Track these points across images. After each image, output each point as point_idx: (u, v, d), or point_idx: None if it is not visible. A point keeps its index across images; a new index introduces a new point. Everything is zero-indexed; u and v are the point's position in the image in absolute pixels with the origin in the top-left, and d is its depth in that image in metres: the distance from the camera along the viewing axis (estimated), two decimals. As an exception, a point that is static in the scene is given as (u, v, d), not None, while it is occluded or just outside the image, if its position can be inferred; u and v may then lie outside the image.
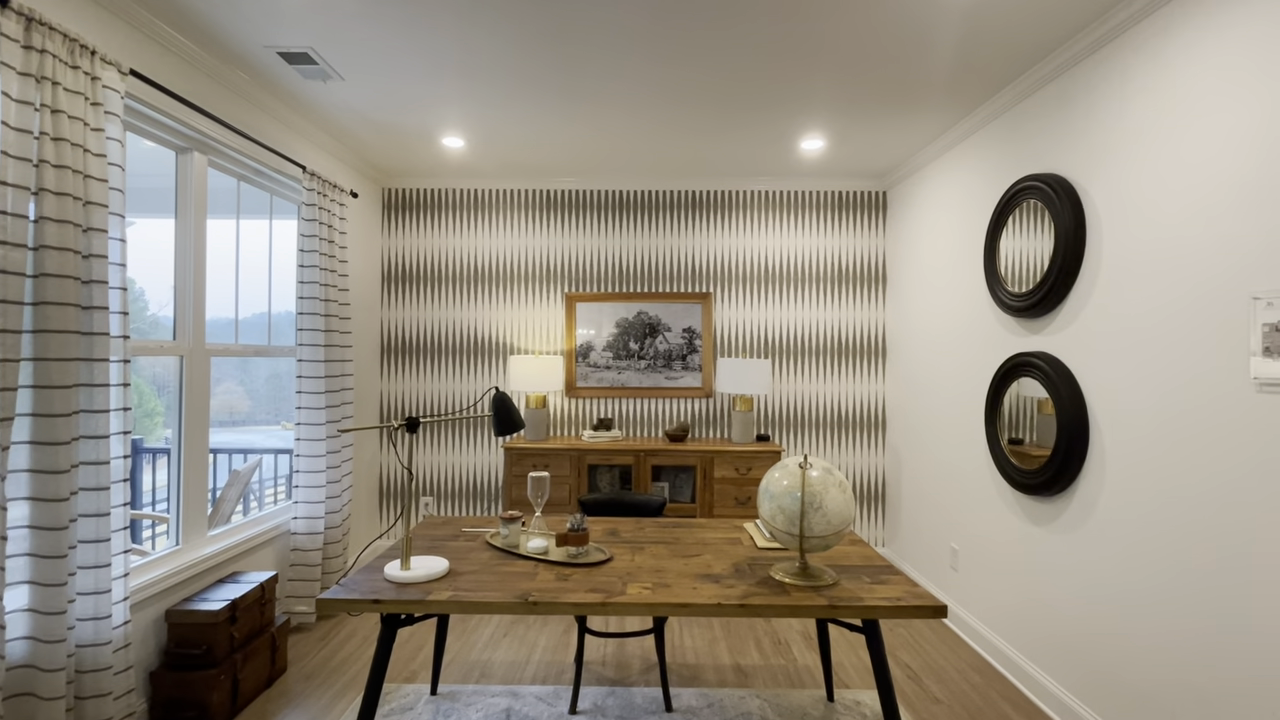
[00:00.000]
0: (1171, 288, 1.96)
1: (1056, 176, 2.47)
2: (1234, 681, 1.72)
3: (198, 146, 2.62)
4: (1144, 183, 2.07)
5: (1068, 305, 2.43)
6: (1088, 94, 2.34)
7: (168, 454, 4.50)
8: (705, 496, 3.79)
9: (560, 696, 2.51)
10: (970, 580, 3.10)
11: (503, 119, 3.20)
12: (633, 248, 4.27)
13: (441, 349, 4.31)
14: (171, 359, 2.59)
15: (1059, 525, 2.45)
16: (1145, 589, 2.03)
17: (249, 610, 2.50)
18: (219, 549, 2.66)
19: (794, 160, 3.82)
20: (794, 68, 2.61)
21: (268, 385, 6.16)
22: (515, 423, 2.18)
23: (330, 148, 3.54)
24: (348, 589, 1.80)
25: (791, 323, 4.26)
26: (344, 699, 2.51)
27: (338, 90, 2.88)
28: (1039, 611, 2.56)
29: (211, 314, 2.76)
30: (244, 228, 3.10)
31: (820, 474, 1.81)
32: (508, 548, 2.15)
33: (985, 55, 2.50)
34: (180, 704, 2.25)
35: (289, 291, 3.50)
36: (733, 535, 2.35)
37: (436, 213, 4.30)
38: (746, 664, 2.81)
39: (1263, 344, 1.66)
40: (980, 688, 2.65)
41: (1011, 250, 2.74)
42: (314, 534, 3.17)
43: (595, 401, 4.28)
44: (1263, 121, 1.67)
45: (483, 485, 4.30)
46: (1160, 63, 2.02)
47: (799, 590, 1.80)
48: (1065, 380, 2.38)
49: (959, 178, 3.27)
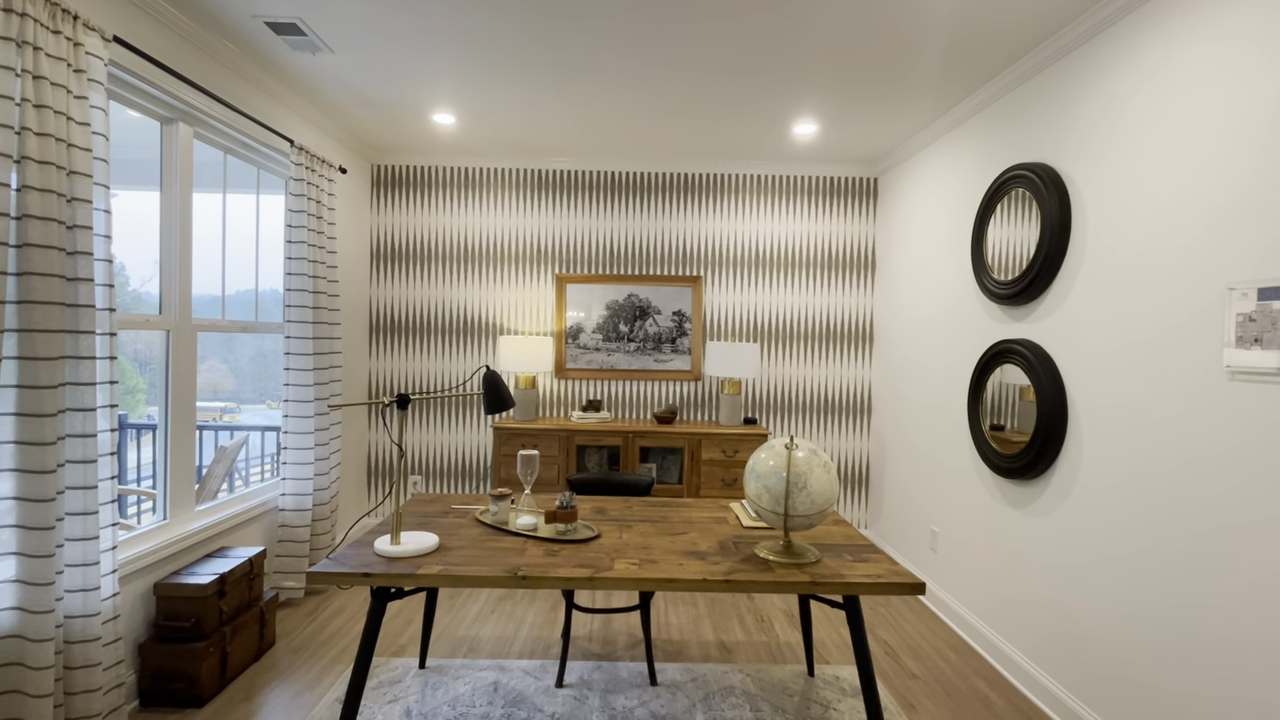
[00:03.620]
0: (1151, 277, 2.00)
1: (1044, 166, 2.50)
2: (1201, 657, 1.80)
3: (183, 118, 2.58)
4: (1129, 174, 2.10)
5: (1051, 293, 2.47)
6: (1077, 85, 2.36)
7: (152, 430, 4.47)
8: (692, 478, 3.84)
9: (547, 670, 2.56)
10: (949, 561, 3.18)
11: (494, 96, 3.17)
12: (624, 229, 4.26)
13: (430, 328, 4.29)
14: (156, 334, 2.57)
15: (1035, 508, 2.52)
16: (1117, 570, 2.10)
17: (237, 584, 2.51)
18: (206, 524, 2.66)
19: (786, 144, 3.82)
20: (788, 52, 2.61)
21: (253, 364, 6.10)
22: (505, 401, 2.19)
23: (319, 122, 3.49)
24: (338, 563, 1.82)
25: (781, 307, 4.29)
26: (332, 672, 2.54)
27: (327, 63, 2.84)
28: (1014, 592, 2.64)
29: (197, 290, 2.74)
30: (231, 202, 3.06)
31: (806, 455, 1.85)
32: (497, 524, 2.18)
33: (976, 43, 2.51)
34: (169, 675, 2.27)
35: (276, 268, 3.47)
36: (719, 514, 2.39)
37: (427, 190, 4.26)
38: (730, 640, 2.88)
39: (1236, 334, 1.70)
40: (956, 664, 2.73)
41: (998, 238, 2.77)
42: (302, 510, 3.18)
43: (584, 383, 4.30)
44: (1243, 117, 1.71)
45: (471, 464, 4.31)
46: (1147, 56, 2.04)
47: (782, 567, 1.85)
48: (1046, 367, 2.43)
49: (949, 165, 3.30)
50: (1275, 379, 1.60)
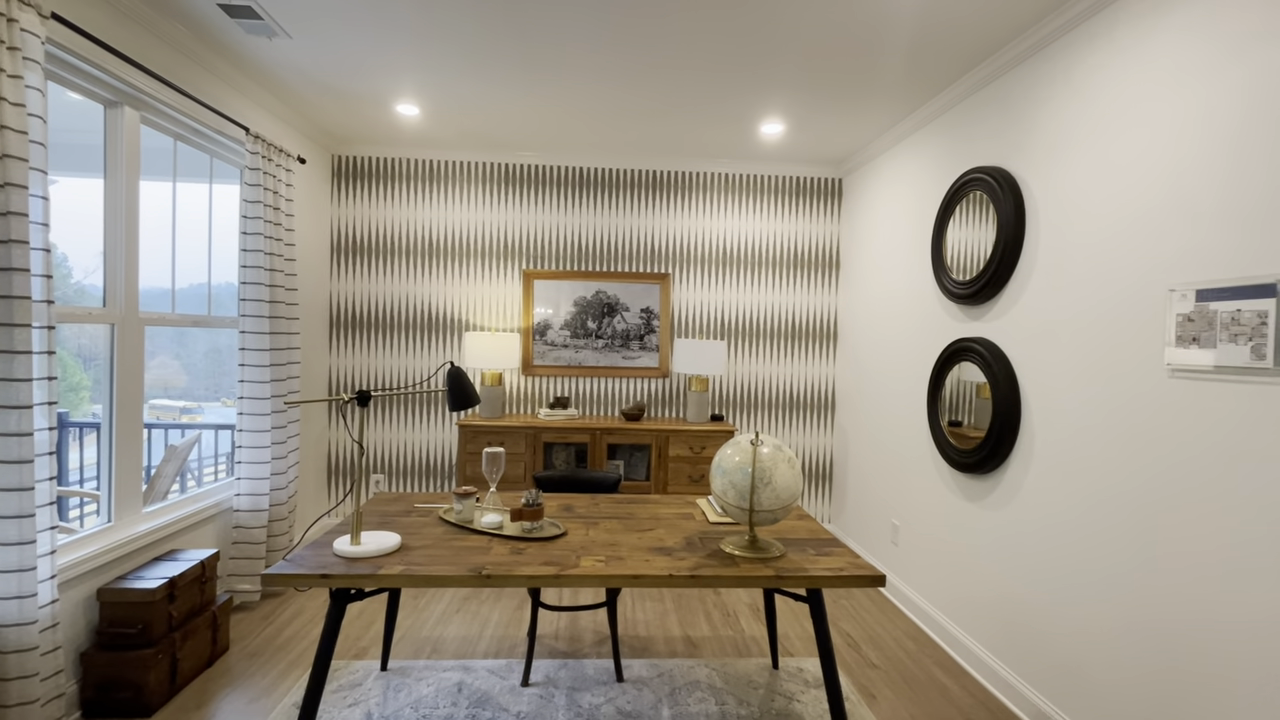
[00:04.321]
0: (1099, 278, 2.08)
1: (1000, 170, 2.58)
2: (1139, 637, 1.88)
3: (129, 101, 2.46)
4: (1079, 179, 2.19)
5: (1006, 293, 2.55)
6: (1032, 91, 2.44)
7: (96, 429, 4.27)
8: (660, 475, 3.85)
9: (513, 669, 2.53)
10: (909, 554, 3.26)
11: (460, 89, 3.11)
12: (592, 226, 4.24)
13: (393, 324, 4.20)
14: (100, 328, 2.45)
15: (990, 502, 2.60)
16: (1063, 560, 2.19)
17: (188, 588, 2.42)
18: (155, 526, 2.55)
19: (754, 143, 3.85)
20: (755, 51, 2.63)
21: (207, 360, 5.88)
22: (470, 398, 2.16)
23: (276, 110, 3.38)
24: (294, 564, 1.77)
25: (748, 305, 4.33)
26: (289, 677, 2.47)
27: (284, 49, 2.74)
28: (969, 583, 2.72)
29: (146, 283, 2.62)
30: (182, 191, 2.93)
31: (771, 450, 1.87)
32: (462, 523, 2.15)
33: (938, 49, 2.57)
34: (114, 684, 2.17)
35: (231, 260, 3.34)
36: (685, 510, 2.40)
37: (390, 182, 4.16)
38: (696, 635, 2.90)
39: (1176, 333, 1.79)
40: (914, 654, 2.80)
41: (957, 240, 2.85)
42: (258, 511, 3.08)
43: (552, 380, 4.27)
44: (1182, 127, 1.79)
45: (436, 463, 4.24)
46: (1096, 66, 2.12)
47: (747, 562, 1.87)
48: (1001, 364, 2.51)
49: (911, 167, 3.37)
50: (1210, 377, 1.68)
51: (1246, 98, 1.62)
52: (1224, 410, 1.65)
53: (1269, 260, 1.55)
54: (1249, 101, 1.61)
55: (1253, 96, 1.61)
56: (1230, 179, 1.65)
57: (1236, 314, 1.61)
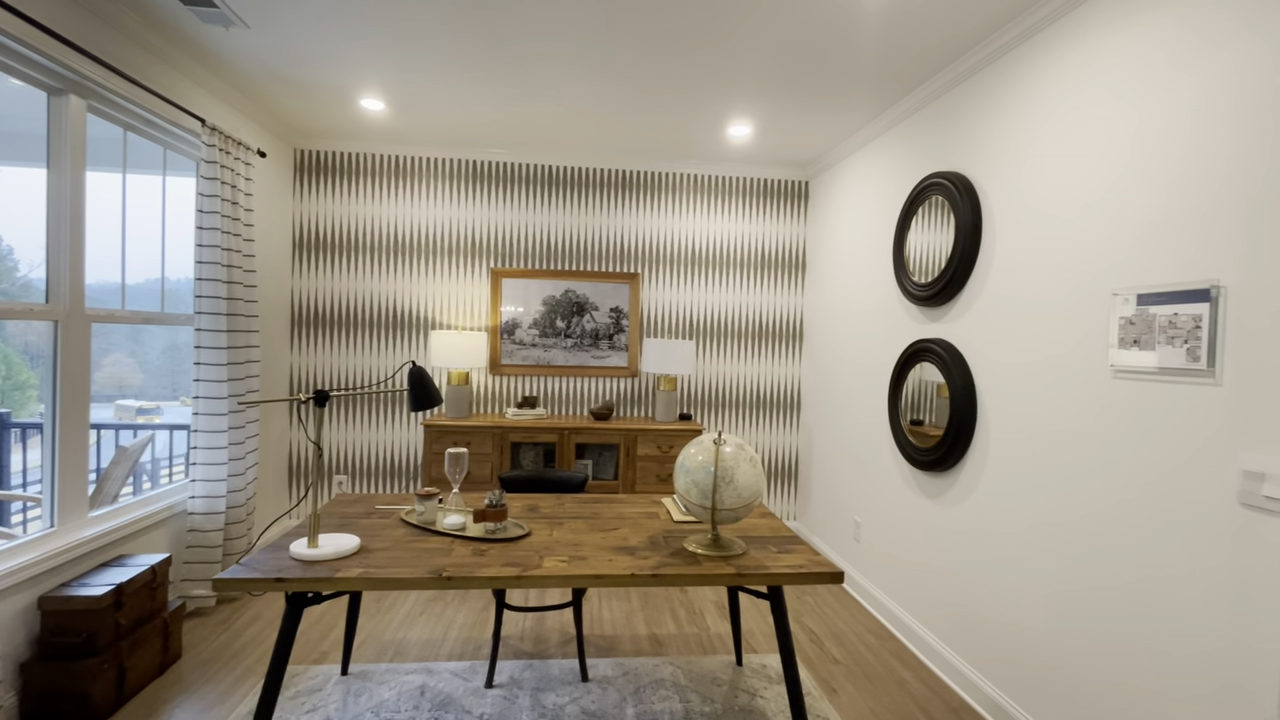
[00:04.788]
0: (1050, 282, 2.15)
1: (959, 175, 2.65)
2: (1086, 629, 1.96)
3: (75, 89, 2.37)
4: (1032, 185, 2.26)
5: (964, 295, 2.62)
6: (989, 99, 2.51)
7: (40, 430, 4.09)
8: (628, 474, 3.86)
9: (477, 671, 2.51)
10: (871, 550, 3.33)
11: (426, 85, 3.07)
12: (562, 225, 4.23)
13: (358, 322, 4.12)
14: (44, 324, 2.35)
15: (948, 498, 2.67)
16: (1015, 554, 2.26)
17: (137, 594, 2.34)
18: (102, 530, 2.46)
19: (722, 145, 3.88)
20: (721, 56, 2.65)
21: (165, 358, 5.69)
22: (433, 398, 2.13)
23: (235, 101, 3.28)
24: (249, 568, 1.72)
25: (716, 305, 4.37)
26: (245, 684, 2.41)
27: (242, 39, 2.67)
28: (927, 577, 2.79)
29: (96, 278, 2.53)
30: (134, 183, 2.83)
31: (733, 450, 1.89)
32: (424, 524, 2.12)
33: (900, 56, 2.62)
34: (57, 696, 2.09)
35: (188, 255, 3.24)
36: (651, 509, 2.41)
37: (354, 178, 4.08)
38: (662, 634, 2.91)
39: (1118, 335, 1.86)
40: (875, 648, 2.86)
41: (918, 243, 2.92)
42: (214, 514, 2.99)
43: (520, 379, 4.24)
44: (1125, 137, 1.86)
45: (401, 463, 4.18)
46: (1049, 76, 2.19)
47: (710, 560, 1.89)
48: (959, 365, 2.58)
49: (875, 171, 3.44)
50: (1151, 377, 1.75)
51: (1186, 111, 1.70)
52: (1162, 409, 1.72)
53: (1204, 267, 1.62)
54: (1188, 115, 1.69)
55: (1191, 110, 1.68)
56: (1169, 188, 1.73)
57: (1174, 317, 1.69)
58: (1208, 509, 1.59)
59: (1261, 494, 1.46)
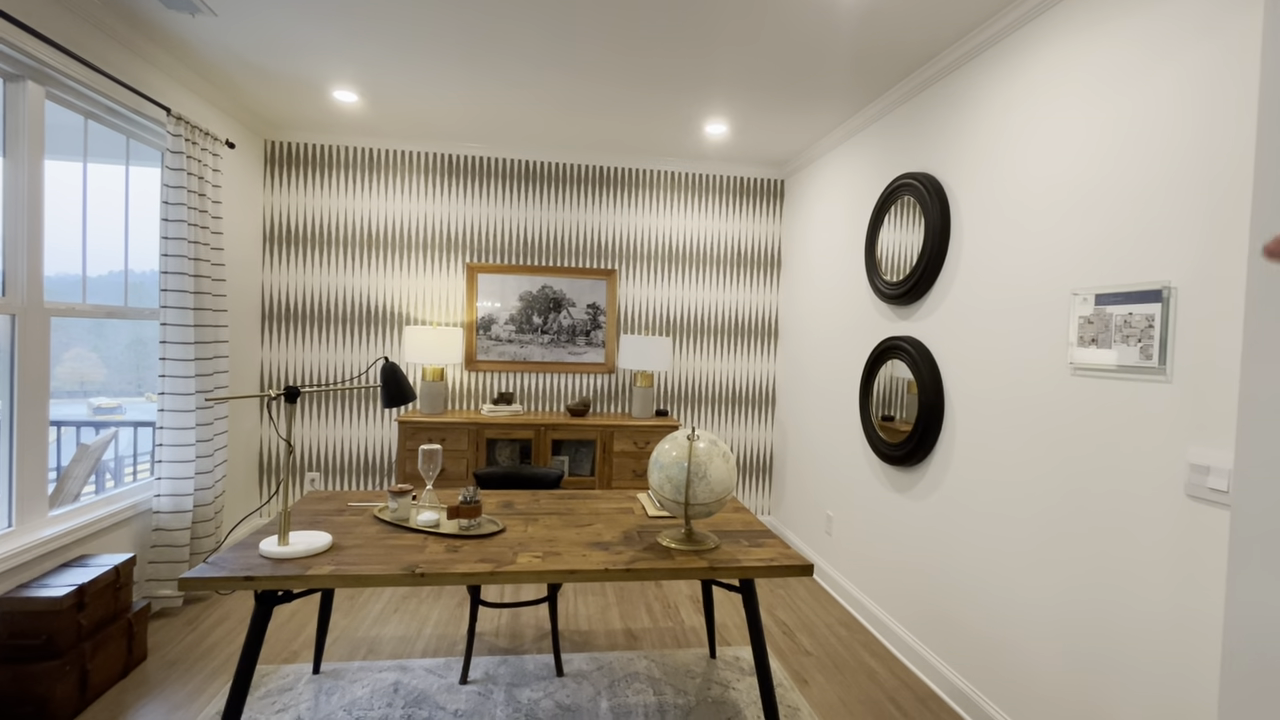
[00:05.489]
0: (1014, 282, 2.22)
1: (929, 176, 2.71)
2: (1047, 620, 2.02)
3: (31, 75, 2.29)
4: (998, 186, 2.32)
5: (933, 294, 2.68)
6: (957, 101, 2.57)
7: None
8: (604, 470, 3.87)
9: (451, 668, 2.51)
10: (842, 544, 3.40)
11: (401, 77, 3.04)
12: (539, 220, 4.21)
13: (330, 317, 4.06)
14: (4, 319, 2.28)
15: (915, 492, 2.74)
16: (978, 546, 2.33)
17: (100, 595, 2.29)
18: (62, 530, 2.40)
19: (699, 143, 3.90)
20: (695, 53, 2.67)
21: (129, 353, 5.53)
22: (406, 394, 2.12)
23: (202, 90, 3.21)
24: (217, 567, 1.70)
25: (692, 302, 4.39)
26: (213, 684, 2.37)
27: (209, 26, 2.61)
28: (896, 570, 2.86)
29: (56, 269, 2.45)
30: (97, 173, 2.75)
31: (706, 445, 1.91)
32: (397, 521, 2.11)
33: (873, 57, 2.67)
34: (15, 699, 2.04)
35: (153, 247, 3.16)
36: (625, 505, 2.43)
37: (326, 170, 4.02)
38: (637, 628, 2.94)
39: (1078, 334, 1.92)
40: (845, 640, 2.92)
41: (889, 242, 2.97)
42: (181, 512, 2.93)
43: (496, 375, 4.22)
44: (1084, 140, 1.92)
45: (375, 460, 4.14)
46: (1016, 81, 2.25)
47: (683, 554, 1.91)
48: (927, 362, 2.64)
49: (848, 171, 3.49)
50: (1108, 375, 1.82)
51: (1141, 118, 1.76)
52: (1118, 405, 1.79)
53: (1157, 268, 1.69)
54: (1143, 121, 1.75)
55: (1148, 118, 1.74)
56: (1127, 191, 1.79)
57: (1129, 317, 1.75)
58: (1159, 501, 1.66)
59: (1207, 486, 1.53)
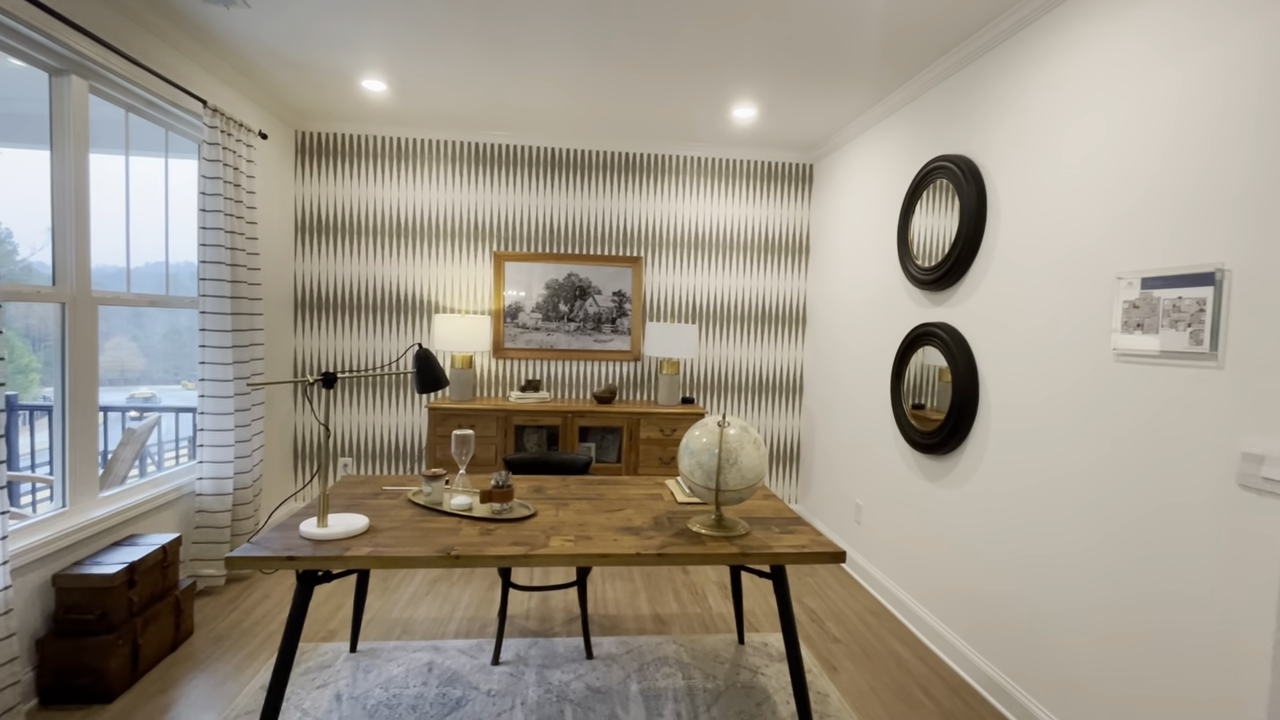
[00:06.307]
0: (1054, 265, 2.16)
1: (964, 158, 2.64)
2: (1087, 608, 1.99)
3: (76, 70, 2.35)
4: (1038, 167, 2.25)
5: (968, 279, 2.62)
6: (997, 80, 2.49)
7: (48, 413, 4.12)
8: (631, 457, 3.89)
9: (483, 649, 2.56)
10: (871, 532, 3.37)
11: (428, 66, 3.05)
12: (565, 208, 4.21)
13: (361, 305, 4.13)
14: (49, 307, 2.36)
15: (948, 481, 2.70)
16: (1014, 536, 2.29)
17: (149, 573, 2.38)
18: (113, 510, 2.49)
19: (726, 128, 3.86)
20: (726, 34, 2.63)
21: (166, 341, 5.70)
22: (439, 380, 2.15)
23: (236, 83, 3.26)
24: (259, 547, 1.75)
25: (719, 289, 4.36)
26: (256, 660, 2.46)
27: (243, 19, 2.65)
28: (927, 559, 2.83)
29: (99, 261, 2.53)
30: (137, 166, 2.82)
31: (737, 432, 1.91)
32: (431, 505, 2.15)
33: (907, 37, 2.60)
34: (73, 671, 2.13)
35: (189, 238, 3.24)
36: (654, 491, 2.44)
37: (356, 160, 4.07)
38: (665, 613, 2.96)
39: (1122, 319, 1.87)
40: (875, 628, 2.91)
41: (922, 226, 2.91)
42: (222, 495, 3.03)
43: (523, 363, 4.26)
44: (1131, 119, 1.85)
45: (405, 446, 4.21)
46: (1054, 57, 2.17)
47: (713, 540, 1.91)
48: (961, 348, 2.59)
49: (880, 154, 3.42)
50: (1154, 361, 1.77)
51: (1190, 93, 1.69)
52: (1164, 392, 1.73)
53: (1209, 250, 1.62)
54: (1192, 96, 1.68)
55: (1195, 92, 1.67)
56: (1174, 170, 1.73)
57: (1178, 301, 1.69)
58: (1208, 491, 1.61)
59: (1260, 475, 1.48)
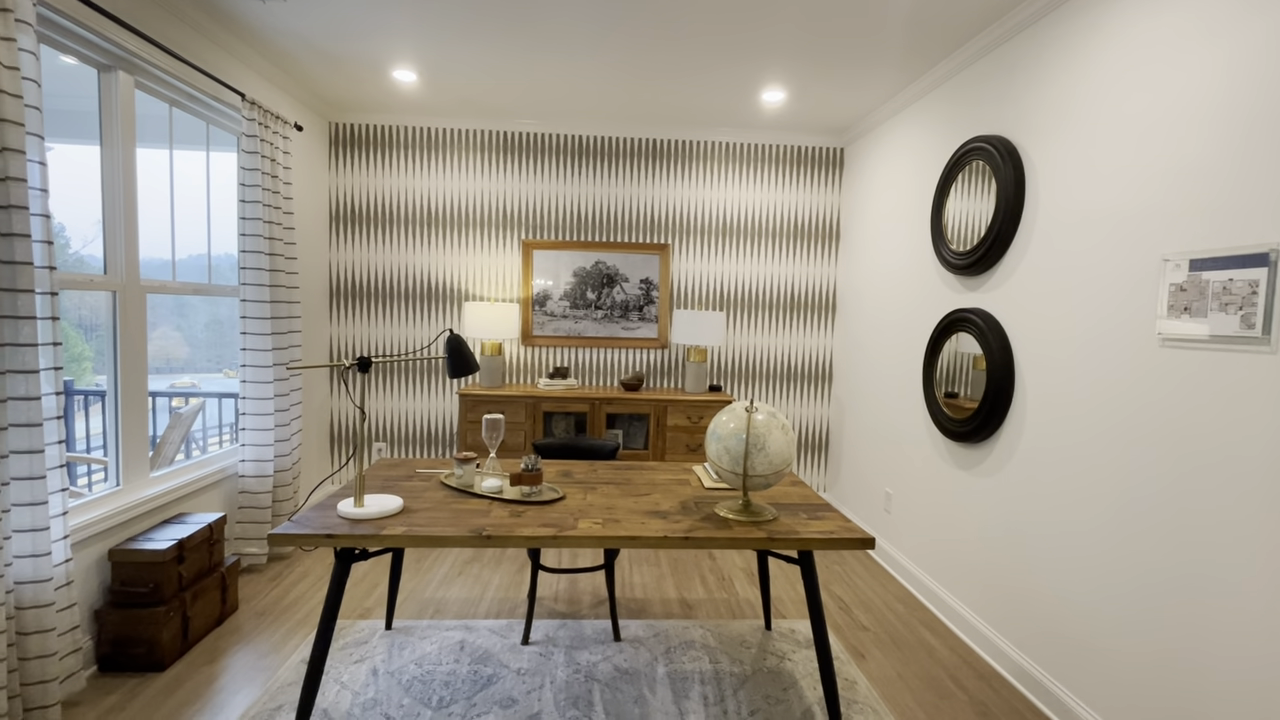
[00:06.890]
0: (1095, 248, 2.09)
1: (1002, 139, 2.56)
2: (1119, 596, 1.94)
3: (123, 65, 2.44)
4: (1078, 149, 2.17)
5: (1004, 264, 2.56)
6: (1036, 58, 2.41)
7: (101, 397, 4.31)
8: (658, 443, 3.90)
9: (513, 629, 2.61)
10: (901, 520, 3.33)
11: (457, 55, 3.07)
12: (592, 195, 4.22)
13: (393, 294, 4.21)
14: (100, 299, 2.47)
15: (982, 470, 2.65)
16: (1051, 526, 2.24)
17: (197, 549, 2.49)
18: (162, 490, 2.61)
19: (755, 112, 3.81)
20: (758, 13, 2.59)
21: (207, 331, 5.90)
22: (470, 365, 2.19)
23: (272, 76, 3.34)
24: (299, 525, 1.82)
25: (747, 276, 4.33)
26: (297, 634, 2.55)
27: (279, 13, 2.70)
28: (957, 547, 2.79)
29: (145, 253, 2.62)
30: (180, 159, 2.92)
31: (765, 417, 1.90)
32: (462, 487, 2.19)
33: (941, 14, 2.53)
34: (128, 641, 2.25)
35: (229, 231, 3.34)
36: (681, 476, 2.45)
37: (387, 150, 4.13)
38: (692, 598, 2.98)
39: (1168, 303, 1.80)
40: (903, 616, 2.88)
41: (957, 210, 2.84)
42: (263, 476, 3.14)
43: (552, 350, 4.30)
44: (1181, 96, 1.77)
45: (436, 432, 4.30)
46: (1102, 32, 2.09)
47: (740, 525, 1.92)
48: (996, 334, 2.53)
49: (913, 137, 3.34)
50: (1201, 346, 1.70)
51: (1240, 68, 1.61)
52: (1212, 379, 1.67)
53: (1262, 230, 1.55)
54: (1242, 72, 1.60)
55: (1245, 67, 1.59)
56: (1223, 148, 1.65)
57: (1228, 283, 1.63)
58: (1260, 481, 1.55)
59: (1314, 464, 1.42)
